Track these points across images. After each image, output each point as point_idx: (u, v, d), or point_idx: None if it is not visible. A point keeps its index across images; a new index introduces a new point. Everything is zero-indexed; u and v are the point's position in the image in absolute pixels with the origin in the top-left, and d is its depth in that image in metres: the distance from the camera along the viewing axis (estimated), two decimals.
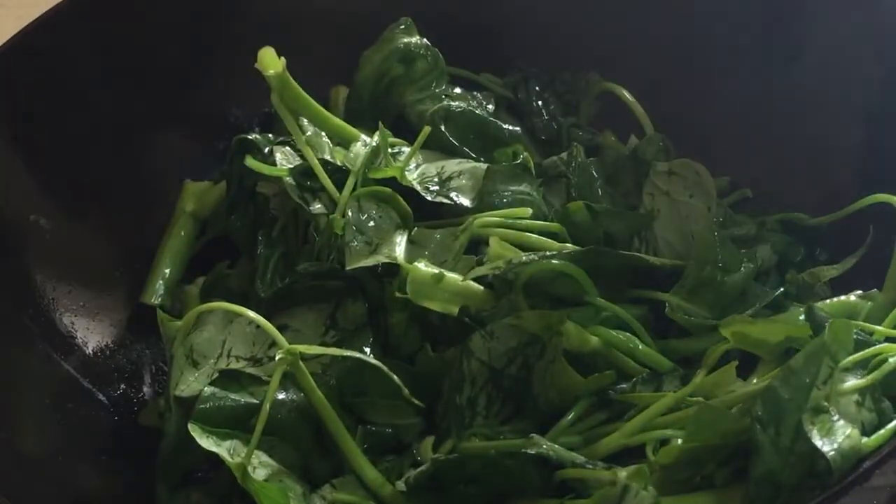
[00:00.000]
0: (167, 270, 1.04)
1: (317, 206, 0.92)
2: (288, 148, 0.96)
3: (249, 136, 0.97)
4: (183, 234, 1.05)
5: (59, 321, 0.96)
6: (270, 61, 0.91)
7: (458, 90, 1.04)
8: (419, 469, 0.80)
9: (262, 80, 0.92)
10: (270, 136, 0.98)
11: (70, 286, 0.98)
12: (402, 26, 1.03)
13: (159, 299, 1.03)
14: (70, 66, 1.00)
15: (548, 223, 0.93)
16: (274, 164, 0.94)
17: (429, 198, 0.92)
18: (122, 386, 0.98)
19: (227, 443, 0.80)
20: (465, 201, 0.92)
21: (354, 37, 1.05)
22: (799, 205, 0.99)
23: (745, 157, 1.04)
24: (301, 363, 0.80)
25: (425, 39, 1.03)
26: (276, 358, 0.79)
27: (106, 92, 1.02)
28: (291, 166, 0.94)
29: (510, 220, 0.91)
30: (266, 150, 0.96)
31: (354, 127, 0.98)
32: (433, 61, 1.03)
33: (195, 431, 0.80)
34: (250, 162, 0.94)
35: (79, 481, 0.88)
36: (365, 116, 1.02)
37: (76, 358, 0.96)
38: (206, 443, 0.79)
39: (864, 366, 0.75)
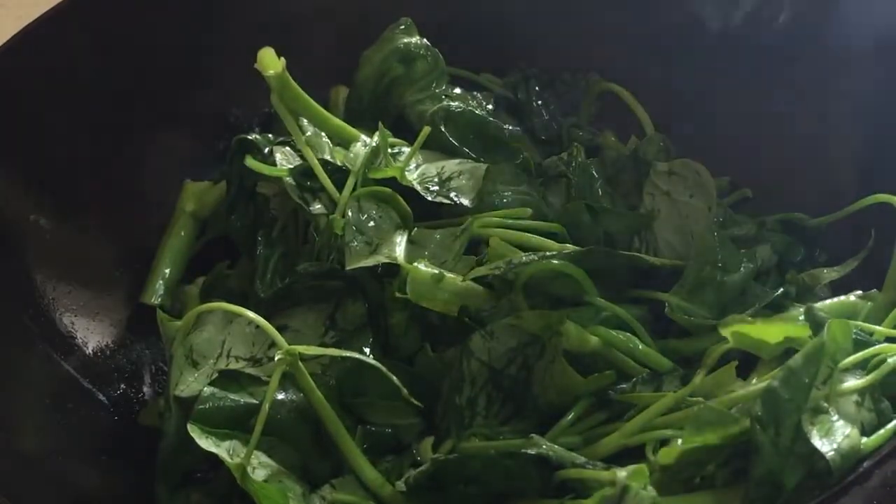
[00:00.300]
0: (167, 270, 1.04)
1: (317, 207, 0.92)
2: (288, 148, 0.96)
3: (249, 137, 0.97)
4: (183, 234, 1.05)
5: (59, 321, 0.96)
6: (270, 61, 0.91)
7: (458, 90, 1.04)
8: (419, 469, 0.80)
9: (262, 80, 0.92)
10: (270, 136, 0.98)
11: (70, 286, 0.98)
12: (402, 26, 1.03)
13: (159, 299, 1.03)
14: (70, 66, 1.00)
15: (548, 223, 0.93)
16: (274, 164, 0.94)
17: (429, 198, 0.92)
18: (122, 386, 0.98)
19: (227, 443, 0.80)
20: (465, 201, 0.92)
21: (354, 37, 1.05)
22: (799, 205, 0.99)
23: (745, 157, 1.04)
24: (300, 363, 0.80)
25: (425, 40, 1.03)
26: (276, 358, 0.79)
27: (106, 92, 1.02)
28: (291, 166, 0.94)
29: (510, 221, 0.91)
30: (266, 150, 0.96)
31: (354, 127, 0.98)
32: (433, 61, 1.03)
33: (194, 432, 0.79)
34: (250, 162, 0.94)
35: (79, 481, 0.88)
36: (365, 116, 1.02)
37: (76, 358, 0.96)
38: (206, 443, 0.79)
39: (863, 366, 0.75)
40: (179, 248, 1.05)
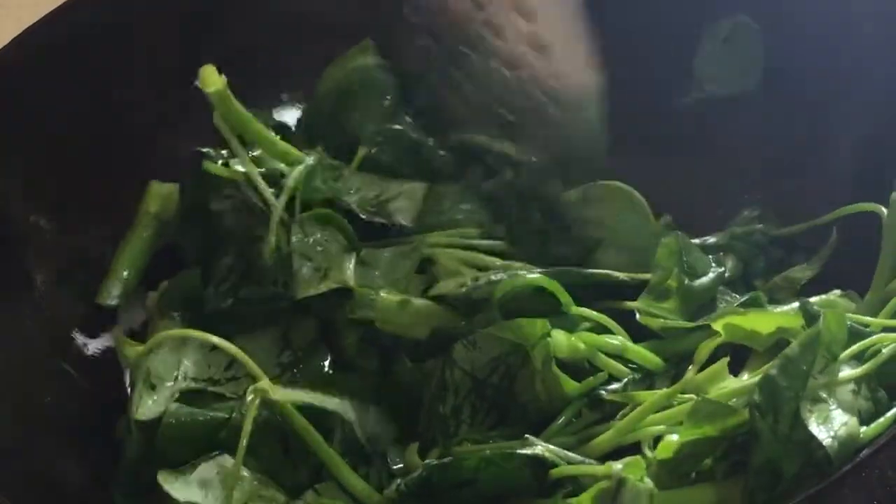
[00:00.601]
0: (125, 272, 1.01)
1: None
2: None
3: (203, 149, 0.96)
4: (145, 235, 1.02)
5: (59, 321, 0.96)
6: (211, 78, 0.90)
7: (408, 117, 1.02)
8: (411, 475, 0.79)
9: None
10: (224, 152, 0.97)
11: (70, 286, 0.98)
12: (364, 48, 1.03)
13: (115, 301, 1.00)
14: (70, 66, 1.00)
15: (497, 241, 0.93)
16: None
17: (364, 217, 0.92)
18: (122, 386, 0.98)
19: (200, 469, 0.81)
20: (404, 221, 0.93)
21: (356, 40, 1.05)
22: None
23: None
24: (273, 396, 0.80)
25: (385, 60, 1.02)
26: (249, 393, 0.80)
27: (106, 92, 1.02)
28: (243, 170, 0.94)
29: (459, 239, 0.91)
30: (220, 162, 0.95)
31: (314, 144, 0.98)
32: (391, 83, 1.02)
33: (165, 482, 0.80)
34: (206, 165, 0.94)
35: (78, 481, 0.87)
36: (324, 134, 1.01)
37: (76, 358, 0.96)
38: (181, 493, 0.80)
39: (858, 357, 0.74)
40: (140, 250, 1.02)
